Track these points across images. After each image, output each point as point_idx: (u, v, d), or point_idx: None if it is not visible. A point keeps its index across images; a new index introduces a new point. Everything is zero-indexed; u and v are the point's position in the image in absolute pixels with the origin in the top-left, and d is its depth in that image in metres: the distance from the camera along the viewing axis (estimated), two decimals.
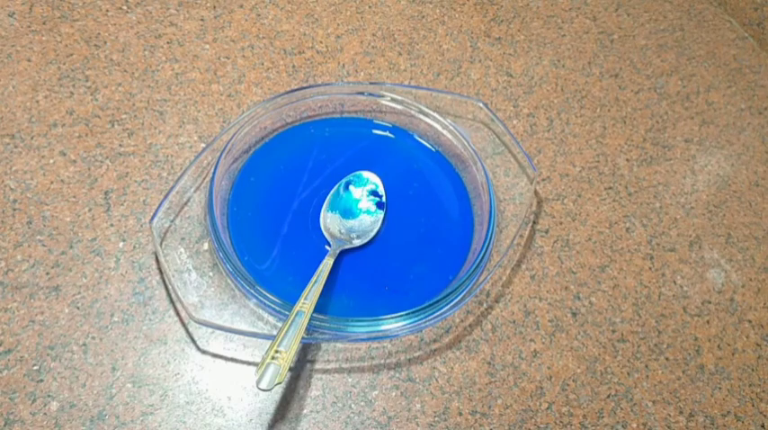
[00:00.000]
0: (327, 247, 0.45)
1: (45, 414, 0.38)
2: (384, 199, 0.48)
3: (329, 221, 0.47)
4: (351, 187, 0.48)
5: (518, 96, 0.58)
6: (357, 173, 0.49)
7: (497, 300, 0.47)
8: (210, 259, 0.45)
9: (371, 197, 0.48)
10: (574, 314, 0.47)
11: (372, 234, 0.47)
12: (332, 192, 0.48)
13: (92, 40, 0.55)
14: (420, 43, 0.60)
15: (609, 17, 0.67)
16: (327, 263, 0.43)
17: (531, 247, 0.50)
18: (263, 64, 0.56)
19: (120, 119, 0.51)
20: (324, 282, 0.41)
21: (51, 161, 0.47)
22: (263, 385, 0.35)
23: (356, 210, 0.48)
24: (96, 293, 0.43)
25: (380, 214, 0.48)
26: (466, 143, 0.51)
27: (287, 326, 0.38)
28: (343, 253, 0.46)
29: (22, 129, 0.49)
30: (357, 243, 0.46)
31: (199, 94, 0.53)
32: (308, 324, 0.41)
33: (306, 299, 0.40)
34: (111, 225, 0.45)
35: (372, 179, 0.49)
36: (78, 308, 0.42)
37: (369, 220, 0.47)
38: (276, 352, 0.36)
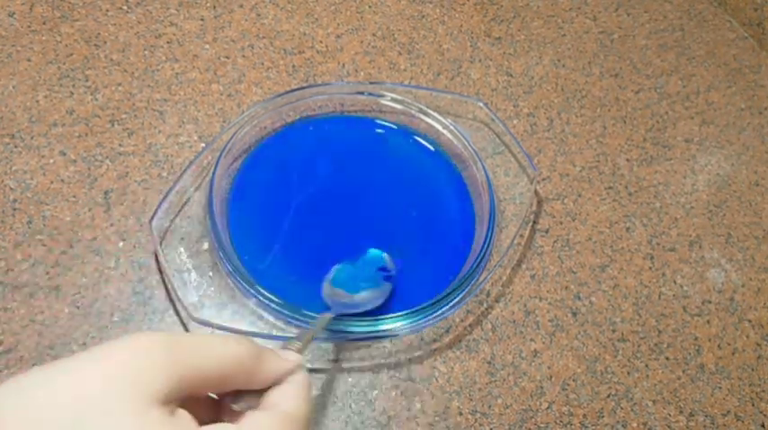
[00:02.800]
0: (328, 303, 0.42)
1: None
2: (393, 272, 0.45)
3: (333, 292, 0.43)
4: (358, 263, 0.45)
5: (518, 96, 0.58)
6: (368, 251, 0.46)
7: (497, 299, 0.47)
8: (210, 259, 0.45)
9: (379, 272, 0.45)
10: (574, 314, 0.47)
11: (379, 302, 0.43)
12: (337, 267, 0.45)
13: (92, 39, 0.55)
14: (420, 43, 0.60)
15: (609, 17, 0.67)
16: (325, 317, 0.39)
17: (532, 247, 0.50)
18: (263, 64, 0.56)
19: (120, 118, 0.51)
20: (316, 335, 0.37)
21: (51, 161, 0.47)
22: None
23: (361, 285, 0.44)
24: (96, 293, 0.42)
25: (388, 286, 0.44)
26: (466, 143, 0.51)
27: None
28: (343, 253, 0.46)
29: (22, 129, 0.49)
30: (361, 310, 0.43)
31: (199, 94, 0.53)
32: (308, 324, 0.41)
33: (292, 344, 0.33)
34: (111, 225, 0.45)
35: (379, 255, 0.46)
36: (78, 307, 0.42)
37: (376, 294, 0.44)
38: None
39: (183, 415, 0.25)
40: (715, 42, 0.67)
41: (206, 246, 0.45)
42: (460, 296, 0.43)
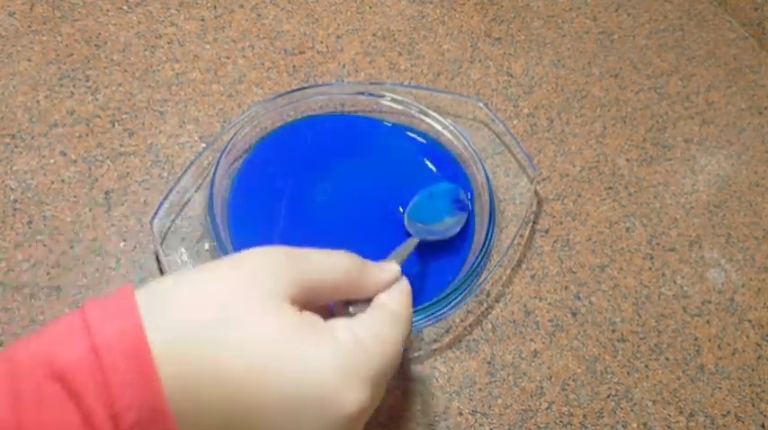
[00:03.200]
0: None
1: None
2: (468, 204, 0.49)
3: (413, 225, 0.47)
4: (432, 196, 0.49)
5: (518, 96, 0.58)
6: (439, 185, 0.50)
7: (497, 299, 0.47)
8: (211, 259, 0.45)
9: (453, 203, 0.49)
10: (574, 314, 0.47)
11: (458, 229, 0.47)
12: (414, 201, 0.49)
13: (92, 39, 0.55)
14: (420, 43, 0.60)
15: (609, 17, 0.67)
16: (412, 241, 0.41)
17: (531, 247, 0.50)
18: (263, 64, 0.56)
19: (121, 119, 0.51)
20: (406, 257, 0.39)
21: (52, 161, 0.48)
22: None
23: (440, 215, 0.48)
24: (97, 293, 0.43)
25: (464, 215, 0.48)
26: (466, 143, 0.51)
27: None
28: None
29: (22, 129, 0.49)
30: (442, 236, 0.47)
31: (199, 94, 0.53)
32: None
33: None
34: (112, 225, 0.45)
35: (451, 187, 0.50)
36: (79, 308, 0.42)
37: (453, 221, 0.48)
38: None
39: (309, 313, 0.29)
40: (715, 42, 0.67)
41: (207, 246, 0.45)
42: (460, 296, 0.44)
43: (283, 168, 0.50)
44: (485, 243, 0.46)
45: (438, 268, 0.47)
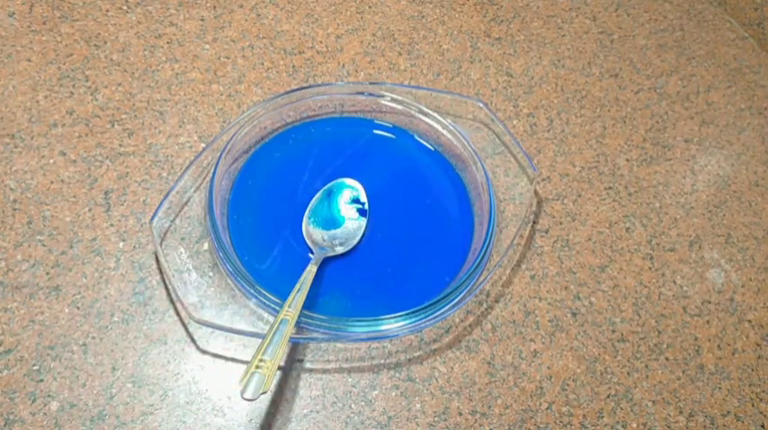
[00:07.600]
0: (310, 255, 0.45)
1: (45, 414, 0.38)
2: (366, 206, 0.48)
3: (312, 229, 0.46)
4: (333, 195, 0.48)
5: (518, 96, 0.58)
6: (339, 180, 0.49)
7: (497, 300, 0.47)
8: (210, 259, 0.45)
9: (353, 204, 0.48)
10: (574, 314, 0.47)
11: (356, 241, 0.46)
12: (314, 200, 0.48)
13: (92, 40, 0.55)
14: (420, 43, 0.60)
15: (609, 17, 0.67)
16: (311, 270, 0.42)
17: (531, 247, 0.50)
18: (263, 64, 0.56)
19: (120, 119, 0.51)
20: (308, 289, 0.41)
21: (51, 161, 0.48)
22: (248, 395, 0.34)
23: (339, 218, 0.47)
24: (96, 293, 0.43)
25: (363, 221, 0.47)
26: (466, 143, 0.51)
27: (271, 334, 0.37)
28: (343, 253, 0.46)
29: (22, 129, 0.49)
30: (340, 250, 0.45)
31: (199, 94, 0.53)
32: (307, 324, 0.42)
33: (290, 307, 0.39)
34: (112, 225, 0.45)
35: (354, 186, 0.49)
36: (78, 308, 0.42)
37: (352, 227, 0.47)
38: (260, 361, 0.36)
39: None
40: (715, 42, 0.67)
41: (206, 246, 0.45)
42: (460, 296, 0.44)
43: (283, 169, 0.50)
44: (485, 243, 0.46)
45: (438, 268, 0.47)
